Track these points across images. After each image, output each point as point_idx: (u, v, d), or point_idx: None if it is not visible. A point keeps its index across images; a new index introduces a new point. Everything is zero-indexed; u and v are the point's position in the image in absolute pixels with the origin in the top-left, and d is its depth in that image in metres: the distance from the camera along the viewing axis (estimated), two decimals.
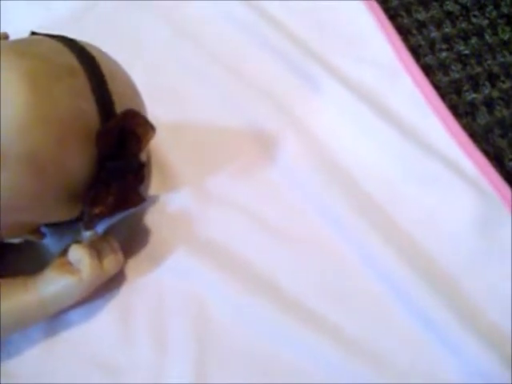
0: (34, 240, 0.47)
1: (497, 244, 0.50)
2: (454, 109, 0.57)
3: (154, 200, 0.52)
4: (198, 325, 0.47)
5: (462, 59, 0.61)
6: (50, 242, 0.50)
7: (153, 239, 0.50)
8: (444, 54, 0.61)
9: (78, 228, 0.47)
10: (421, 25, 0.63)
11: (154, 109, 0.49)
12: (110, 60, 0.46)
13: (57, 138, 0.40)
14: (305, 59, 0.59)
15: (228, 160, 0.54)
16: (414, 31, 0.62)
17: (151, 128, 0.44)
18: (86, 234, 0.47)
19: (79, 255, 0.44)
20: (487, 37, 0.62)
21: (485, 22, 0.63)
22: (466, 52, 0.61)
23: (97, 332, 0.47)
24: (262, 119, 0.56)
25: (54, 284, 0.44)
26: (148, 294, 0.48)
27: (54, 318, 0.47)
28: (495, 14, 0.63)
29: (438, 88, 0.58)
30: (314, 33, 0.61)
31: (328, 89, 0.57)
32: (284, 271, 0.49)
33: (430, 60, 0.60)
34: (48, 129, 0.40)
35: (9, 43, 0.44)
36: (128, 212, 0.50)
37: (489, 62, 0.60)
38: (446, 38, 0.62)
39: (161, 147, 0.54)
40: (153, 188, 0.53)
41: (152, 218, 0.51)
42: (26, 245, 0.47)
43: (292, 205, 0.52)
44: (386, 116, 0.56)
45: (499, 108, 0.58)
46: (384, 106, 0.57)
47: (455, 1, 0.64)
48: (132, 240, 0.50)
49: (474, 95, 0.59)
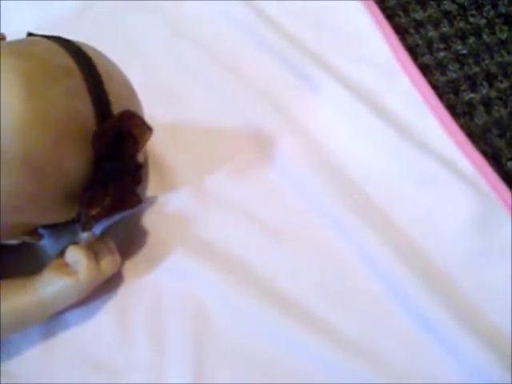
0: (32, 241, 0.47)
1: (494, 244, 0.50)
2: (452, 108, 0.57)
3: (152, 201, 0.52)
4: (196, 325, 0.47)
5: (460, 59, 0.61)
6: (48, 244, 0.50)
7: (150, 240, 0.50)
8: (442, 54, 0.61)
9: (75, 229, 0.47)
10: (418, 24, 0.63)
11: (152, 109, 0.49)
12: (107, 60, 0.46)
13: (53, 139, 0.40)
14: (302, 59, 0.59)
15: (226, 160, 0.54)
16: (412, 31, 0.62)
17: (148, 129, 0.44)
18: (83, 235, 0.46)
19: (76, 256, 0.45)
20: (485, 36, 0.62)
21: (482, 22, 0.63)
22: (464, 52, 0.61)
23: (95, 333, 0.47)
24: (260, 119, 0.56)
25: (52, 285, 0.44)
26: (146, 295, 0.48)
27: (52, 319, 0.47)
28: (493, 14, 0.63)
29: (436, 88, 0.58)
30: (312, 33, 0.61)
31: (326, 89, 0.57)
32: (282, 271, 0.49)
33: (428, 60, 0.60)
34: (44, 130, 0.40)
35: (5, 44, 0.43)
36: (125, 213, 0.49)
37: (486, 62, 0.60)
38: (444, 38, 0.62)
39: (158, 148, 0.54)
40: (150, 189, 0.53)
41: (149, 219, 0.51)
42: (24, 246, 0.47)
43: (290, 205, 0.52)
44: (384, 116, 0.56)
45: (497, 108, 0.58)
46: (381, 106, 0.57)
47: (452, 0, 0.64)
48: (129, 241, 0.50)
49: (472, 95, 0.59)
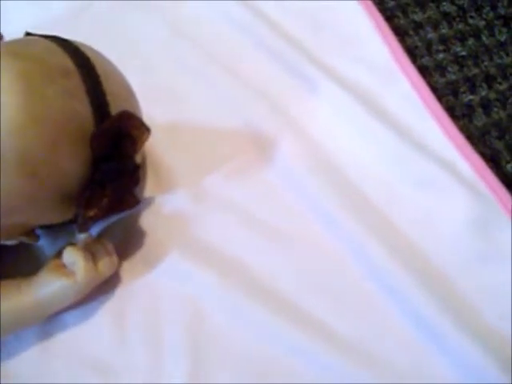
0: (29, 242, 0.47)
1: (493, 246, 0.50)
2: (451, 110, 0.57)
3: (150, 202, 0.52)
4: (194, 326, 0.47)
5: (459, 60, 0.60)
6: (45, 244, 0.50)
7: (148, 241, 0.50)
8: (441, 56, 0.61)
9: (73, 230, 0.47)
10: (417, 26, 0.62)
11: (150, 109, 0.49)
12: (105, 60, 0.46)
13: (50, 140, 0.40)
14: (301, 59, 0.58)
15: (224, 160, 0.54)
16: (411, 32, 0.62)
17: (146, 129, 0.44)
18: (81, 237, 0.46)
19: (74, 258, 0.44)
20: (484, 38, 0.62)
21: (481, 23, 0.62)
22: (463, 53, 0.61)
23: (92, 333, 0.47)
24: (258, 119, 0.56)
25: (49, 286, 0.44)
26: (143, 296, 0.48)
27: (50, 320, 0.47)
28: (492, 15, 0.63)
29: (435, 89, 0.58)
30: (310, 33, 0.61)
31: (324, 89, 0.57)
32: (280, 272, 0.49)
33: (427, 61, 0.60)
34: (41, 130, 0.40)
35: (3, 44, 0.43)
36: (123, 214, 0.49)
37: (486, 64, 0.60)
38: (443, 39, 0.62)
39: (156, 148, 0.54)
40: (148, 189, 0.53)
41: (147, 220, 0.51)
42: (21, 247, 0.47)
43: (288, 205, 0.52)
44: (382, 117, 0.55)
45: (496, 110, 0.58)
46: (380, 107, 0.57)
47: (452, 2, 0.64)
48: (127, 242, 0.50)
49: (471, 97, 0.58)
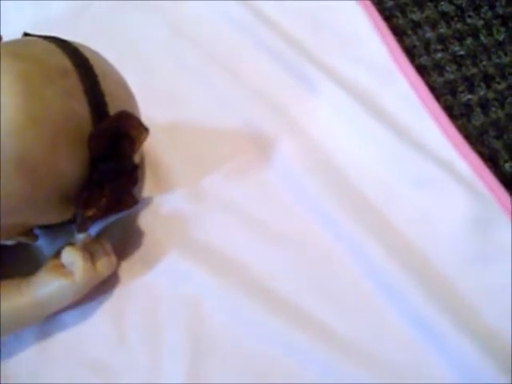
0: (27, 242, 0.47)
1: (491, 245, 0.50)
2: (449, 110, 0.57)
3: (148, 202, 0.52)
4: (193, 326, 0.47)
5: (457, 60, 0.60)
6: (43, 244, 0.50)
7: (146, 241, 0.50)
8: (439, 55, 0.61)
9: (71, 230, 0.47)
10: (416, 25, 0.62)
11: (150, 109, 0.49)
12: (104, 61, 0.46)
13: (49, 140, 0.40)
14: (300, 59, 0.58)
15: (223, 160, 0.54)
16: (409, 32, 0.62)
17: (144, 130, 0.44)
18: (79, 237, 0.46)
19: (72, 257, 0.45)
20: (482, 37, 0.62)
21: (480, 23, 0.62)
22: (461, 53, 0.61)
23: (91, 334, 0.47)
24: (258, 119, 0.56)
25: (48, 286, 0.45)
26: (142, 296, 0.48)
27: (49, 320, 0.47)
28: (490, 15, 0.63)
29: (433, 89, 0.58)
30: (309, 33, 0.61)
31: (323, 89, 0.57)
32: (280, 272, 0.49)
33: (425, 61, 0.60)
34: (40, 130, 0.40)
35: (2, 45, 0.43)
36: (121, 214, 0.49)
37: (484, 63, 0.60)
38: (441, 39, 0.62)
39: (155, 148, 0.54)
40: (146, 189, 0.53)
41: (146, 220, 0.51)
42: (20, 247, 0.47)
43: (287, 205, 0.52)
44: (381, 116, 0.55)
45: (494, 109, 0.58)
46: (379, 107, 0.57)
47: (450, 1, 0.64)
48: (125, 242, 0.50)
49: (469, 96, 0.58)
